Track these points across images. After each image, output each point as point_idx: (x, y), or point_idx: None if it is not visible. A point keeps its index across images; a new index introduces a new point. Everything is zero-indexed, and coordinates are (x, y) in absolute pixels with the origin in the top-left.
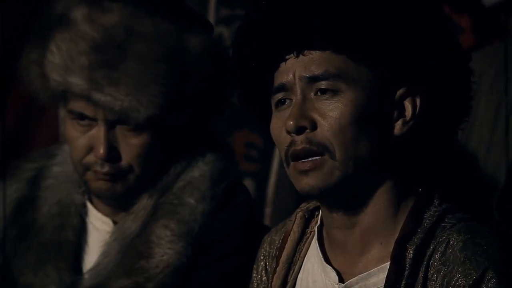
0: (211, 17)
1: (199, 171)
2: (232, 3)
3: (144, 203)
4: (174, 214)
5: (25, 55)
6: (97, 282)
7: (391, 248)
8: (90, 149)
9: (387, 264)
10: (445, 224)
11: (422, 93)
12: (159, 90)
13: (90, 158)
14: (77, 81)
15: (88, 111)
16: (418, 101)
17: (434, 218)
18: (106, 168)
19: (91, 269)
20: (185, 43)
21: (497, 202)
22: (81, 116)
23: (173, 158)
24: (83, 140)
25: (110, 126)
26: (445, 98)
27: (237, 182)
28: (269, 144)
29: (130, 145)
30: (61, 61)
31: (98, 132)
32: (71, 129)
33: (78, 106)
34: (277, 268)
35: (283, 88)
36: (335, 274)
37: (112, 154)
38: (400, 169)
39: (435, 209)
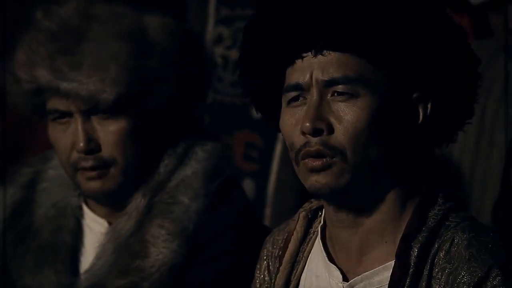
0: (211, 17)
1: (192, 169)
2: (232, 3)
3: (138, 203)
4: (169, 213)
5: (6, 70)
6: (93, 283)
7: (395, 247)
8: (73, 146)
9: (392, 263)
10: (449, 223)
11: (433, 98)
12: (121, 67)
13: (74, 156)
14: (42, 73)
15: (61, 105)
16: (429, 105)
17: (439, 217)
18: (90, 162)
19: (87, 271)
20: (142, 21)
21: (493, 210)
22: (58, 114)
23: (159, 150)
24: (64, 139)
25: (86, 117)
26: (454, 103)
27: (231, 179)
28: (269, 144)
29: (108, 133)
30: (25, 57)
31: (76, 125)
32: (53, 132)
33: (52, 103)
34: (280, 268)
35: (298, 87)
36: (339, 273)
37: (91, 145)
38: (407, 170)
39: (439, 207)
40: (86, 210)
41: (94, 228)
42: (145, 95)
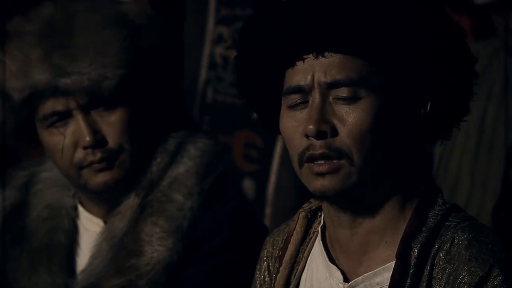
0: (211, 17)
1: (184, 166)
2: (232, 3)
3: (131, 202)
4: (163, 211)
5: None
6: (90, 283)
7: (396, 248)
8: (75, 145)
9: (392, 263)
10: (449, 223)
11: (432, 98)
12: (119, 49)
13: (79, 154)
14: (39, 74)
15: (59, 106)
16: (428, 105)
17: (439, 217)
18: (98, 155)
19: (83, 271)
20: (121, 10)
21: (493, 210)
22: (55, 117)
23: (152, 147)
24: (65, 140)
25: (86, 112)
26: (452, 102)
27: (224, 175)
28: (269, 144)
29: (111, 124)
30: (17, 64)
31: (77, 123)
32: (49, 138)
33: (48, 107)
34: (280, 268)
35: (300, 90)
36: (340, 274)
37: (98, 137)
38: (406, 170)
39: (439, 208)
40: (81, 210)
41: (90, 228)
42: (142, 77)
